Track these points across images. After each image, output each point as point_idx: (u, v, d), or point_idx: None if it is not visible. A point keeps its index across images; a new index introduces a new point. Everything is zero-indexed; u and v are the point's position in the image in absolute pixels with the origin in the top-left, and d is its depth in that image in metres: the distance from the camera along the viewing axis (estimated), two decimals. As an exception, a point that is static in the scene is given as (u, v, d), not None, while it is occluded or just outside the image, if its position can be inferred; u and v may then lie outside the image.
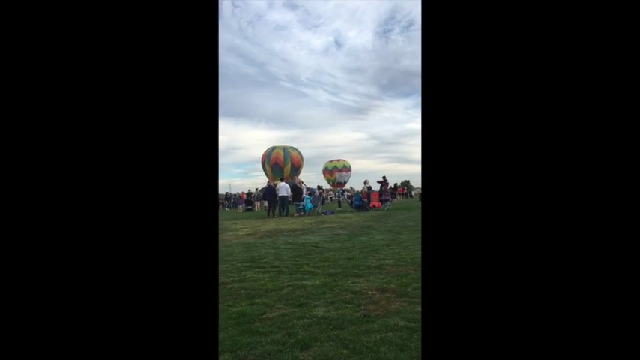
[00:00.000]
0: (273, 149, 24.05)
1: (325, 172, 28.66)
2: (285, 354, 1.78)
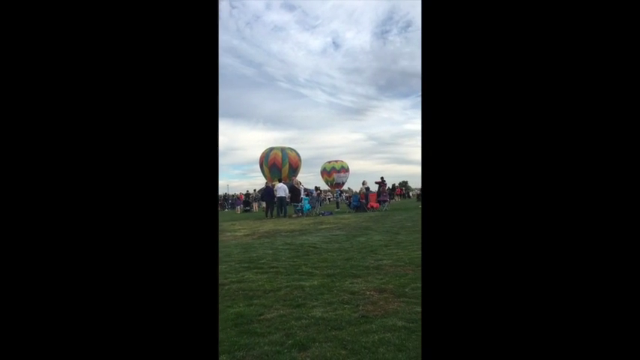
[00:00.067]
0: (271, 150, 24.06)
1: (323, 172, 28.67)
2: (284, 355, 1.77)
